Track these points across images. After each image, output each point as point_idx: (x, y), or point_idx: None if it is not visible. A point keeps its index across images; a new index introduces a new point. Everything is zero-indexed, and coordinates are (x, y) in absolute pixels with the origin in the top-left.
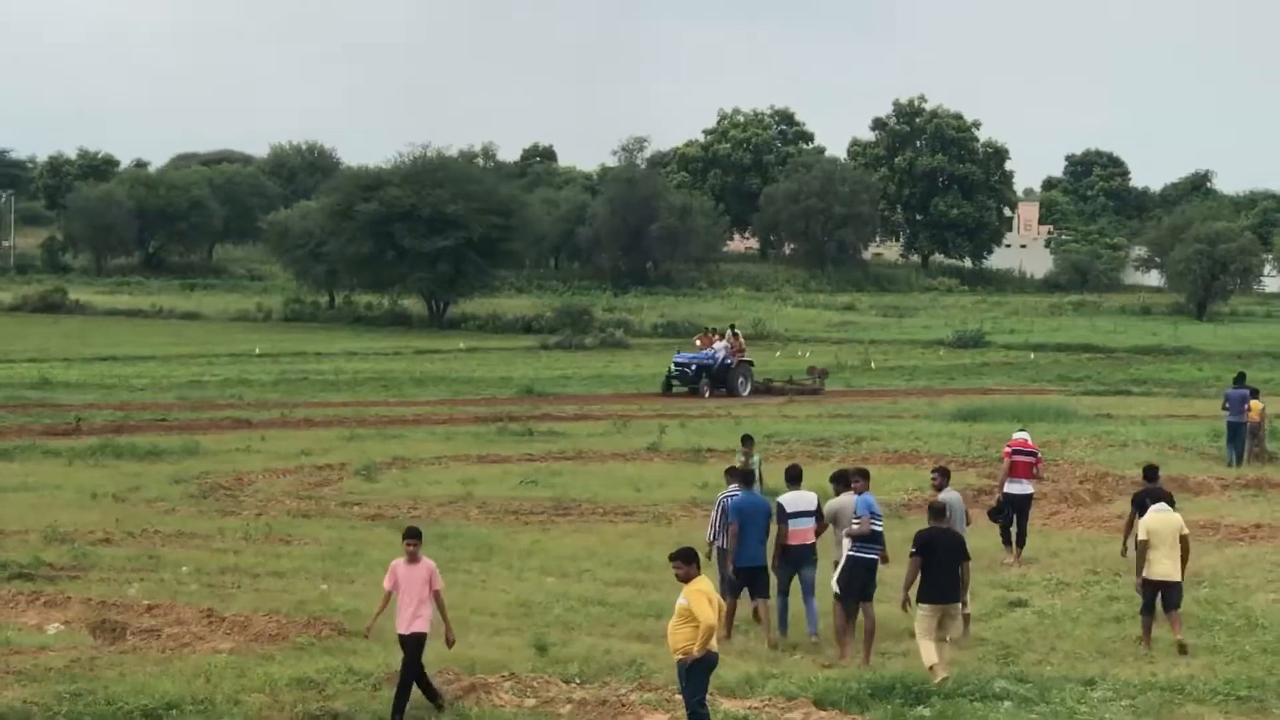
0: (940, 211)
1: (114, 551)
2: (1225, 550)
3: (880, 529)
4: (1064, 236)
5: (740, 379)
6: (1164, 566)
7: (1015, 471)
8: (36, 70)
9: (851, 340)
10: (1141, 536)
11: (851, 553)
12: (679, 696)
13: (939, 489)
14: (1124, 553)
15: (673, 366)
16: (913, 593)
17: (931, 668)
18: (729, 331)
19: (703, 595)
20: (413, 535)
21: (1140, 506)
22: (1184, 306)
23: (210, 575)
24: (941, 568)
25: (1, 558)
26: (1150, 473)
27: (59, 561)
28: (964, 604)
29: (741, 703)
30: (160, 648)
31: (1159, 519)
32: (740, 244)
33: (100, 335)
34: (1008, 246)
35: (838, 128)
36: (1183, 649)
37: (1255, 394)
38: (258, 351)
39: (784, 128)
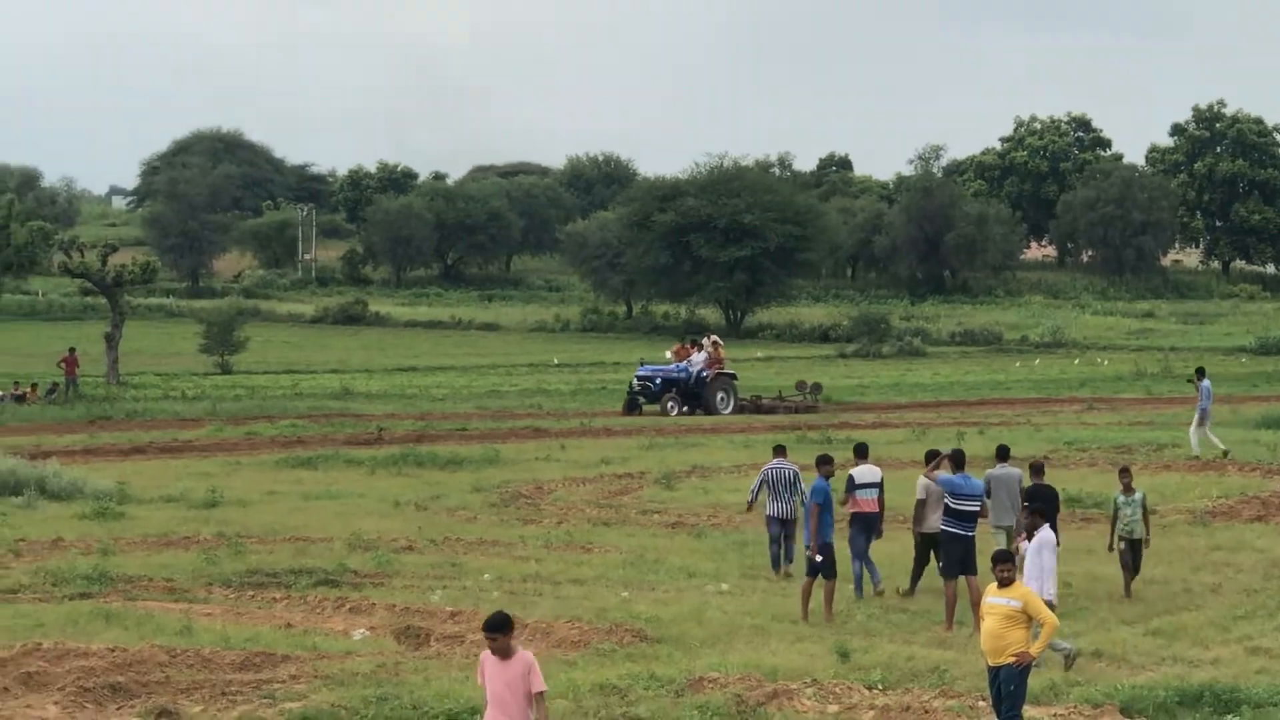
0: (1241, 217)
1: (417, 559)
2: None
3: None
4: None
5: (720, 394)
6: None
7: None
8: (334, 87)
9: (1151, 348)
10: None
11: (944, 527)
12: (983, 703)
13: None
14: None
15: (634, 381)
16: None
17: None
18: (708, 340)
19: (1035, 595)
20: (494, 628)
21: (1030, 498)
22: None
23: (512, 583)
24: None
25: (308, 564)
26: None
27: (363, 568)
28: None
29: (1046, 709)
30: (464, 654)
31: None
32: (1037, 251)
33: (400, 346)
34: None
35: (1136, 134)
36: None
37: None
38: (556, 362)
39: (1081, 135)
